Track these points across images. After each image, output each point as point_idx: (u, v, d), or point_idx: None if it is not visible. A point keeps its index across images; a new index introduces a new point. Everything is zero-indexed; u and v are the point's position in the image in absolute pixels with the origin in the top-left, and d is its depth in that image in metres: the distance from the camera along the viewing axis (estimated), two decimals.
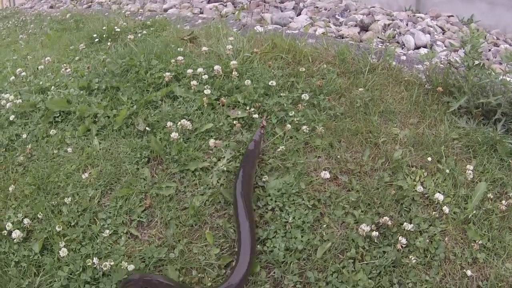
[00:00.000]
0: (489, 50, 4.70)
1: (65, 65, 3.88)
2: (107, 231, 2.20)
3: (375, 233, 2.11)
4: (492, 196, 2.37)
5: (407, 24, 5.13)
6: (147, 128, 2.77)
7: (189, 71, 3.13)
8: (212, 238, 2.18)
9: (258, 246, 2.13)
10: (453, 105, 2.91)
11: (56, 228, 2.23)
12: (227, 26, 4.25)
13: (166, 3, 6.76)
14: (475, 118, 2.88)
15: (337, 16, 5.42)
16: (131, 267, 2.01)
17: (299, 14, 5.63)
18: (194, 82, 3.02)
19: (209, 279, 2.03)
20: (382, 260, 2.04)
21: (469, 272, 2.06)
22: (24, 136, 2.94)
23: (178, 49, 3.64)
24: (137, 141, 2.73)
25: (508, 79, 2.84)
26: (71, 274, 2.04)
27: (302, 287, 2.01)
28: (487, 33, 5.19)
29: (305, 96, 2.91)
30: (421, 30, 4.79)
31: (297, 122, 2.76)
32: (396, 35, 4.78)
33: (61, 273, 2.04)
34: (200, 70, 3.12)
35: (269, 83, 3.00)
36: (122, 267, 2.01)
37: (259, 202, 2.32)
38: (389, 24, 5.04)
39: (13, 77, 3.78)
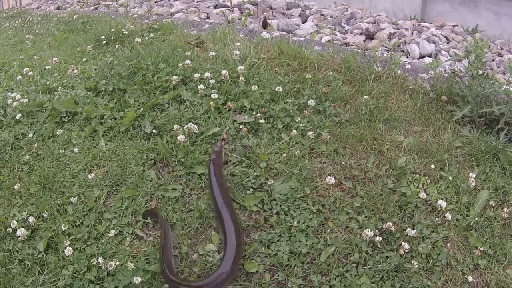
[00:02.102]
0: (493, 60, 4.73)
1: (72, 66, 3.91)
2: (113, 231, 2.22)
3: (378, 238, 2.14)
4: (494, 204, 2.40)
5: (412, 33, 5.16)
6: (153, 131, 2.79)
7: (196, 75, 3.16)
8: (217, 239, 2.21)
9: (263, 248, 2.16)
10: (457, 114, 2.93)
11: (61, 227, 2.25)
12: (234, 32, 4.28)
13: (173, 7, 6.80)
14: (478, 127, 2.91)
15: (342, 24, 5.45)
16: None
17: (305, 21, 5.66)
18: (201, 86, 3.05)
19: None
20: (385, 265, 2.06)
21: (470, 278, 2.08)
22: (30, 135, 2.97)
23: (185, 53, 3.66)
24: (143, 143, 2.75)
25: (511, 89, 2.86)
26: (75, 273, 2.06)
27: None
28: (491, 43, 5.22)
29: (311, 103, 2.93)
30: (426, 39, 4.82)
31: (302, 128, 2.79)
32: (401, 44, 4.81)
33: (66, 272, 2.05)
34: (207, 74, 3.15)
35: (276, 89, 3.02)
36: (128, 268, 2.03)
37: (264, 206, 2.34)
38: (394, 33, 5.06)
39: (20, 77, 3.82)
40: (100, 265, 2.05)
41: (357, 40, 4.88)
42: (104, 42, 4.61)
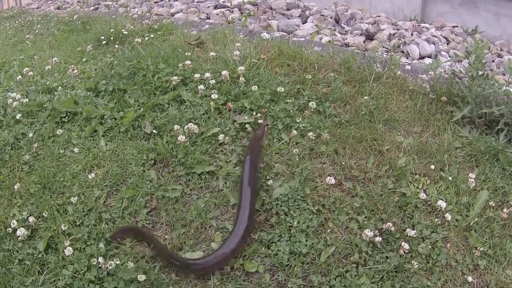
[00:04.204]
0: (493, 61, 4.73)
1: (72, 66, 3.90)
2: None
3: (378, 239, 2.14)
4: (493, 204, 2.40)
5: (412, 34, 5.16)
6: (153, 131, 2.79)
7: (197, 75, 3.16)
8: (222, 239, 2.21)
9: (263, 249, 2.16)
10: (457, 115, 2.93)
11: (61, 227, 2.25)
12: (234, 32, 4.28)
13: (173, 8, 6.80)
14: (478, 128, 2.91)
15: (342, 25, 5.45)
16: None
17: (305, 22, 5.66)
18: (201, 87, 3.05)
19: (216, 281, 2.06)
20: (384, 265, 2.07)
21: (470, 279, 2.09)
22: (30, 135, 2.97)
23: (186, 53, 3.66)
24: (143, 143, 2.76)
25: (511, 89, 2.87)
26: (75, 273, 2.06)
27: None
28: (491, 44, 5.22)
29: (312, 104, 2.93)
30: (426, 40, 4.82)
31: (302, 128, 2.79)
32: (401, 44, 4.81)
33: (66, 272, 2.06)
34: (207, 75, 3.15)
35: (277, 89, 3.03)
36: (128, 267, 2.03)
37: (264, 206, 2.34)
38: (394, 34, 5.07)
39: (20, 77, 3.81)
40: (100, 265, 2.06)
41: (357, 40, 4.88)
42: (104, 42, 4.60)
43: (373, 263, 2.09)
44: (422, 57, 4.61)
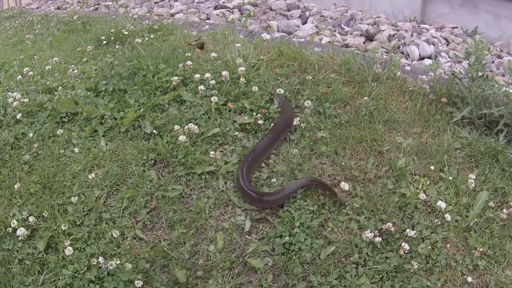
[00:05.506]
0: (493, 62, 4.74)
1: (72, 66, 3.89)
2: (113, 231, 2.22)
3: (378, 239, 2.14)
4: (493, 205, 2.40)
5: (411, 35, 5.17)
6: (154, 131, 2.79)
7: (197, 76, 3.16)
8: (222, 240, 2.21)
9: (264, 248, 2.17)
10: (456, 116, 2.93)
11: (62, 226, 2.25)
12: (234, 33, 4.29)
13: (173, 8, 6.81)
14: (478, 129, 2.91)
15: (342, 26, 5.46)
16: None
17: (305, 23, 5.67)
18: (201, 87, 3.05)
19: (216, 281, 2.06)
20: (384, 266, 2.07)
21: (469, 279, 2.09)
22: (31, 135, 2.96)
23: (186, 54, 3.66)
24: (143, 143, 2.76)
25: (510, 90, 2.87)
26: (75, 273, 2.06)
27: None
28: (490, 45, 5.22)
29: (308, 103, 2.93)
30: (426, 41, 4.83)
31: (303, 128, 2.79)
32: (401, 45, 4.82)
33: (66, 272, 2.05)
34: (207, 75, 3.15)
35: (277, 91, 3.02)
36: (127, 268, 2.03)
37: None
38: (394, 35, 5.08)
39: (20, 76, 3.80)
40: (100, 265, 2.06)
41: (357, 41, 4.89)
42: (104, 42, 4.60)
43: (373, 263, 2.09)
44: (422, 58, 4.63)
